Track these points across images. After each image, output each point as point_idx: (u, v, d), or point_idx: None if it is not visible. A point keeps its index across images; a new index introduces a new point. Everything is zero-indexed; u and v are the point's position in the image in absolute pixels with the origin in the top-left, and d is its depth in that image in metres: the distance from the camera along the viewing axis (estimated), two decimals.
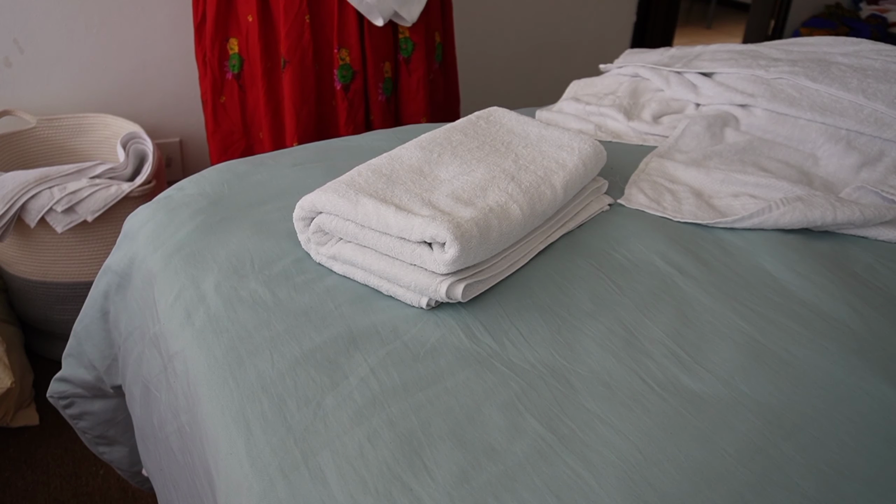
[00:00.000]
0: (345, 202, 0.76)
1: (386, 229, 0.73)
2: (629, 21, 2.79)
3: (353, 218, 0.76)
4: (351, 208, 0.75)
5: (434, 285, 0.72)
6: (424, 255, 0.72)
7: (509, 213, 0.77)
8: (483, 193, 0.79)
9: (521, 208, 0.78)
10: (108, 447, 1.13)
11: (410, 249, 0.72)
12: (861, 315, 0.75)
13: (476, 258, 0.73)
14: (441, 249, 0.71)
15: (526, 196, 0.80)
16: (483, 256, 0.74)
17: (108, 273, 0.94)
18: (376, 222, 0.74)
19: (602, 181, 0.95)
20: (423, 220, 0.71)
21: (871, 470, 0.58)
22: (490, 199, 0.78)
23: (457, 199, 0.77)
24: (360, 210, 0.75)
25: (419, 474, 0.56)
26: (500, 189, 0.80)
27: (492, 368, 0.67)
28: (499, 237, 0.75)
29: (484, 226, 0.73)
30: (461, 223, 0.71)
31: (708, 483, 0.56)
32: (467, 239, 0.70)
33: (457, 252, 0.69)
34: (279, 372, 0.66)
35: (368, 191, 0.77)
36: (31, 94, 1.76)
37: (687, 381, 0.66)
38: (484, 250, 0.73)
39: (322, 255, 0.80)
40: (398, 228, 0.72)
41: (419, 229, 0.71)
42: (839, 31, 3.23)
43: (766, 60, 1.30)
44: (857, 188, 0.97)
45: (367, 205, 0.75)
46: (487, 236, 0.73)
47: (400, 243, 0.73)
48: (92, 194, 1.42)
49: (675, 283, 0.79)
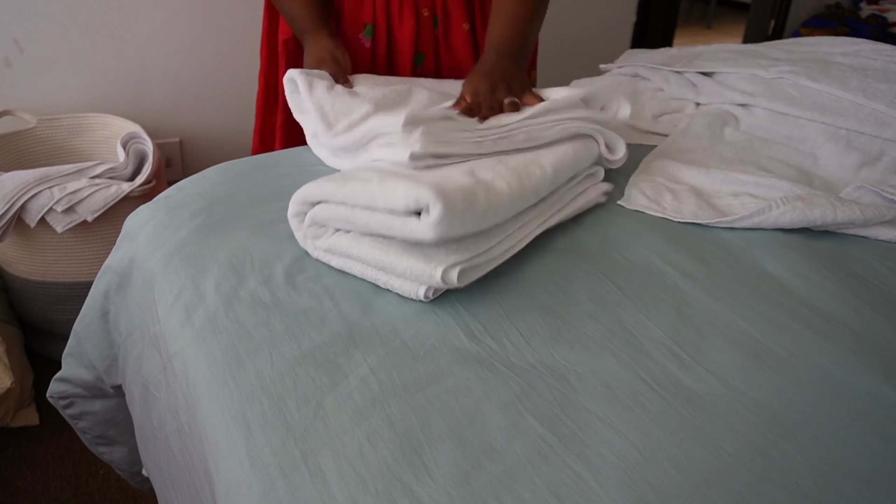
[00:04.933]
0: (333, 185, 0.77)
1: (373, 203, 0.74)
2: (629, 21, 2.79)
3: (342, 199, 0.76)
4: (339, 189, 0.76)
5: (429, 270, 0.72)
6: (413, 225, 0.72)
7: (496, 186, 0.78)
8: (469, 173, 0.79)
9: (509, 183, 0.79)
10: (108, 447, 1.13)
11: (401, 223, 0.72)
12: (861, 315, 0.75)
13: (464, 225, 0.73)
14: (427, 215, 0.71)
15: (514, 174, 0.81)
16: (473, 226, 0.74)
17: (108, 273, 0.94)
18: (363, 196, 0.74)
19: (598, 168, 0.96)
20: (406, 184, 0.72)
21: (871, 469, 0.58)
22: (476, 176, 0.79)
23: (441, 176, 0.78)
24: (348, 188, 0.76)
25: (419, 474, 0.56)
26: (486, 168, 0.81)
27: (492, 368, 0.67)
28: (486, 206, 0.75)
29: (469, 192, 0.74)
30: (445, 188, 0.72)
31: (708, 483, 0.56)
32: (451, 201, 0.70)
33: (441, 211, 0.69)
34: (279, 372, 0.66)
35: (357, 176, 0.78)
36: (31, 94, 1.76)
37: (687, 381, 0.66)
38: (472, 217, 0.73)
39: (318, 249, 0.81)
40: (384, 199, 0.73)
41: (402, 193, 0.71)
42: (839, 31, 3.23)
43: (766, 60, 1.30)
44: (857, 188, 0.97)
45: (354, 183, 0.76)
46: (473, 203, 0.73)
47: (390, 217, 0.73)
48: (92, 194, 1.42)
49: (674, 282, 0.79)
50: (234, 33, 1.91)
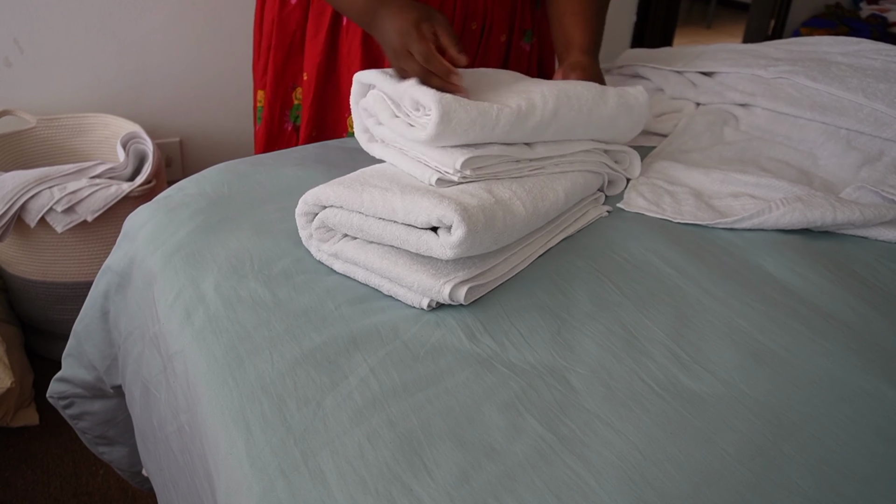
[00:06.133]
0: (350, 192, 0.76)
1: (392, 215, 0.73)
2: (629, 21, 2.79)
3: (358, 208, 0.76)
4: (356, 197, 0.75)
5: (437, 287, 0.71)
6: (431, 241, 0.71)
7: (513, 208, 0.77)
8: (487, 190, 0.79)
9: (525, 206, 0.79)
10: (108, 447, 1.13)
11: (417, 237, 0.72)
12: (861, 315, 0.75)
13: (480, 246, 0.73)
14: (447, 233, 0.70)
15: (529, 196, 0.80)
16: (487, 247, 0.74)
17: (107, 273, 0.94)
18: (382, 208, 0.74)
19: (599, 194, 0.97)
20: (430, 202, 0.72)
21: (871, 469, 0.58)
22: (495, 194, 0.78)
23: (461, 190, 0.78)
24: (367, 197, 0.75)
25: (419, 474, 0.56)
26: (504, 187, 0.81)
27: (491, 369, 0.67)
28: (503, 228, 0.75)
29: (490, 214, 0.73)
30: (468, 207, 0.72)
31: (708, 483, 0.56)
32: (474, 222, 0.70)
33: (464, 233, 0.69)
34: (279, 372, 0.66)
35: (374, 184, 0.78)
36: (31, 94, 1.76)
37: (687, 381, 0.66)
38: (489, 239, 0.73)
39: (323, 252, 0.80)
40: (404, 212, 0.72)
41: (426, 211, 0.71)
42: (839, 31, 3.23)
43: (766, 60, 1.30)
44: (857, 188, 0.97)
45: (373, 192, 0.75)
46: (492, 225, 0.73)
47: (406, 231, 0.73)
48: (92, 194, 1.42)
49: (674, 283, 0.79)
50: (234, 33, 1.91)
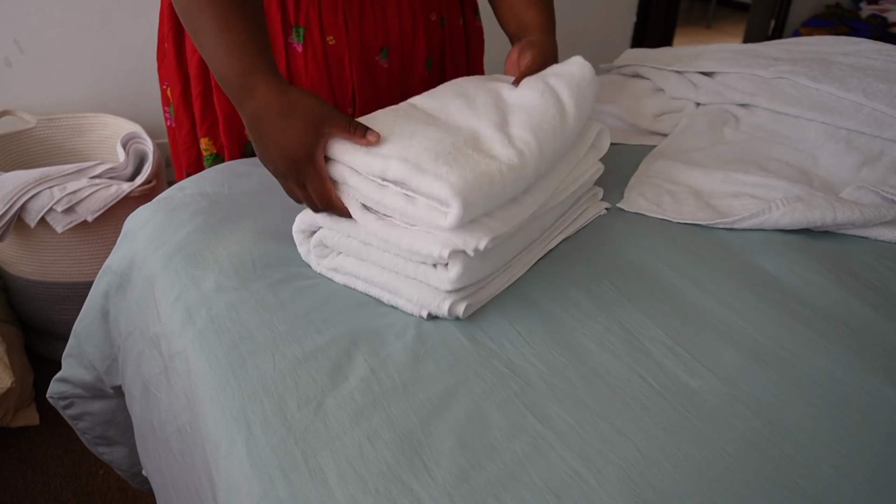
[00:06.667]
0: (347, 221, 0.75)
1: (393, 246, 0.72)
2: (629, 21, 2.80)
3: (355, 235, 0.75)
4: (351, 223, 0.74)
5: (437, 302, 0.71)
6: (428, 273, 0.71)
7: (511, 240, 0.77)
8: None
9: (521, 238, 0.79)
10: (108, 447, 1.13)
11: (414, 266, 0.72)
12: (861, 315, 0.75)
13: (479, 275, 0.72)
14: (445, 270, 0.70)
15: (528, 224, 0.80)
16: (484, 273, 0.74)
17: (108, 273, 0.94)
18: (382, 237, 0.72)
19: (597, 189, 0.96)
20: (433, 238, 0.69)
21: (871, 469, 0.58)
22: None
23: None
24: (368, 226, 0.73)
25: (419, 474, 0.56)
26: None
27: (491, 368, 0.67)
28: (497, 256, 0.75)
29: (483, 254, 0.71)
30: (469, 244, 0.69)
31: (707, 482, 0.56)
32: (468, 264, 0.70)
33: (460, 271, 0.69)
34: (280, 372, 0.66)
35: None
36: (31, 94, 1.76)
37: (686, 380, 0.66)
38: (487, 267, 0.73)
39: (323, 266, 0.80)
40: (409, 246, 0.70)
41: (428, 247, 0.69)
42: (839, 31, 3.23)
43: (766, 60, 1.30)
44: (858, 188, 0.97)
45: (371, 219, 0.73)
46: (489, 256, 0.73)
47: (403, 260, 0.73)
48: (92, 194, 1.42)
49: (674, 283, 0.79)
50: None
